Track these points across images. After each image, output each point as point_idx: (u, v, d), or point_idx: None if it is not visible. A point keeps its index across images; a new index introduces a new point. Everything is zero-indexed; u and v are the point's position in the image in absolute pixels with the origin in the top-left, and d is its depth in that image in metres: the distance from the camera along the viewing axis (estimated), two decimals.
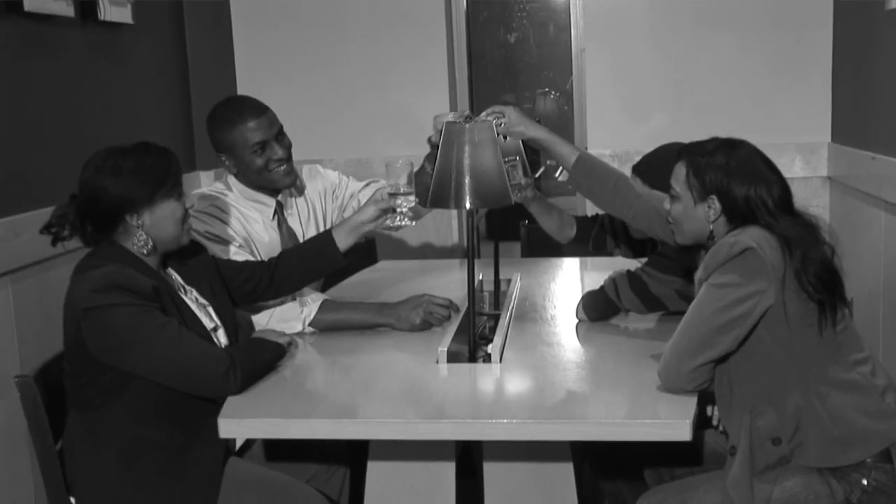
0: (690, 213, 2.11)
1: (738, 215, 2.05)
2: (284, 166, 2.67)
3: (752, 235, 1.98)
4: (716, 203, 2.07)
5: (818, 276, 1.96)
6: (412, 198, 2.36)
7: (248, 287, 2.41)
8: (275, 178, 2.66)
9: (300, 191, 2.86)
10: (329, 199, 2.93)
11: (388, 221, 2.42)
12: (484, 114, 2.38)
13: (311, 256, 2.47)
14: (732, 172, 2.05)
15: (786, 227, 2.00)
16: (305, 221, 2.85)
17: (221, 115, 2.67)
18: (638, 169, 2.63)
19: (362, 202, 2.83)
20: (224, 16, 4.25)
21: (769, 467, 1.98)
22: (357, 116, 4.20)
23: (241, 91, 4.25)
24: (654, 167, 2.54)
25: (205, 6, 4.06)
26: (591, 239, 2.94)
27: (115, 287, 2.00)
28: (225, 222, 2.62)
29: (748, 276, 1.95)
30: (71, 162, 2.91)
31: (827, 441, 1.96)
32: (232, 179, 2.73)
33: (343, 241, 2.45)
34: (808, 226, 2.03)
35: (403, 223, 2.38)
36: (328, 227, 2.86)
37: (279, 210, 2.77)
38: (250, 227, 2.67)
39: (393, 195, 2.35)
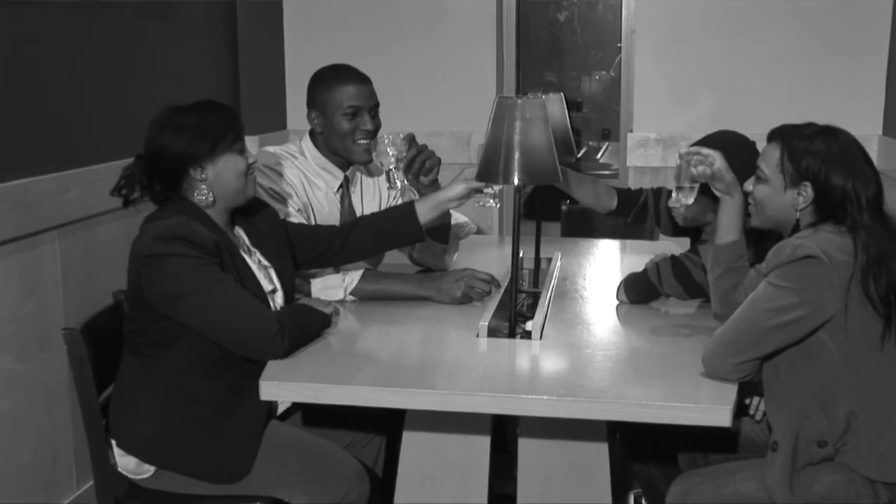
0: (778, 197, 2.03)
1: (828, 207, 1.97)
2: (367, 142, 2.68)
3: (820, 240, 1.91)
4: (808, 190, 1.98)
5: (889, 286, 1.89)
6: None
7: (317, 251, 2.43)
8: (354, 149, 2.67)
9: (370, 172, 2.88)
10: (394, 197, 2.93)
11: (474, 201, 2.43)
12: (684, 151, 2.25)
13: (389, 226, 2.46)
14: (832, 161, 1.96)
15: (870, 231, 1.91)
16: (367, 202, 2.87)
17: (326, 73, 2.71)
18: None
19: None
20: None
21: (811, 465, 1.96)
22: (405, 95, 4.20)
23: (288, 62, 4.28)
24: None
25: None
26: (632, 213, 2.89)
27: (176, 237, 2.04)
28: (289, 182, 2.64)
29: (805, 285, 1.89)
30: (120, 119, 2.96)
31: (873, 454, 1.92)
32: (307, 143, 2.75)
33: (425, 216, 2.44)
34: (894, 232, 1.95)
35: (489, 203, 2.38)
36: None
37: (345, 184, 2.78)
38: (312, 193, 2.69)
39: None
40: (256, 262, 2.26)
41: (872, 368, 1.93)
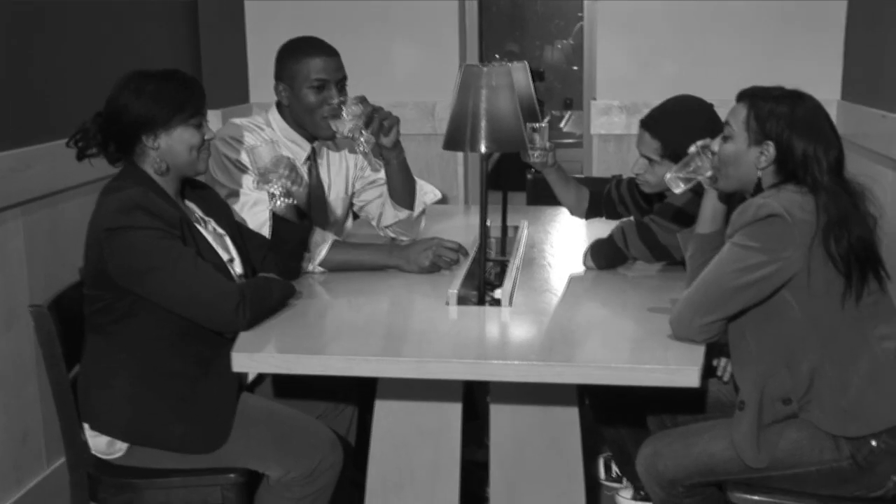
0: (741, 156, 2.05)
1: (789, 168, 2.00)
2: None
3: (783, 199, 1.94)
4: (771, 150, 2.01)
5: (850, 247, 1.92)
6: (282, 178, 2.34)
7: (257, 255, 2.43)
8: (321, 124, 2.66)
9: (337, 144, 2.87)
10: (360, 168, 2.94)
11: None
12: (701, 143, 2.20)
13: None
14: (795, 124, 1.99)
15: (831, 192, 1.95)
16: (335, 174, 2.87)
17: (294, 45, 2.70)
18: (646, 123, 2.58)
19: (364, 199, 2.93)
20: None
21: (776, 422, 2.01)
22: (367, 66, 4.17)
23: (249, 35, 4.24)
24: (663, 121, 2.52)
25: None
26: (603, 209, 2.92)
27: (138, 208, 2.03)
28: (255, 154, 2.62)
29: (770, 244, 1.92)
30: (81, 94, 2.92)
31: (835, 410, 1.96)
32: (273, 115, 2.74)
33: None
34: (854, 194, 1.99)
35: (281, 203, 2.34)
36: (352, 190, 2.92)
37: (313, 156, 2.78)
38: None
39: (263, 177, 2.32)
40: (212, 232, 2.26)
41: (834, 327, 1.97)
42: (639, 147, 2.55)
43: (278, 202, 2.30)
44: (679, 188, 2.21)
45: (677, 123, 2.50)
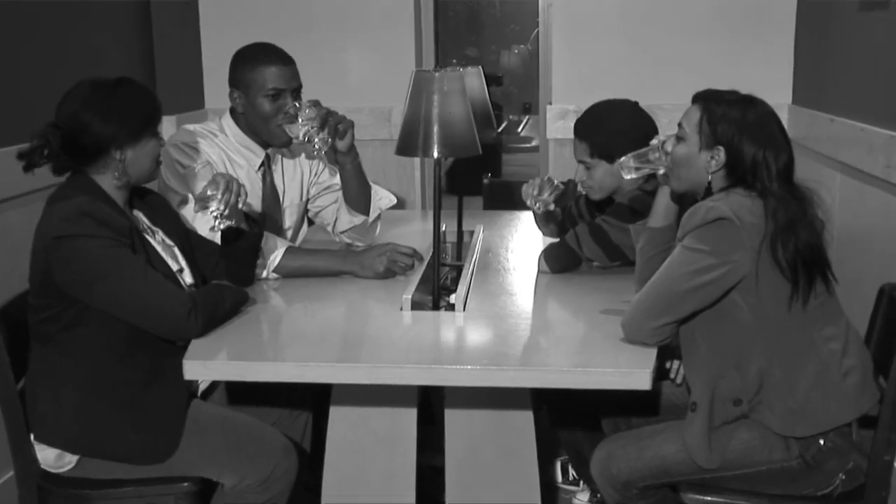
0: (693, 158, 2.07)
1: (739, 172, 2.02)
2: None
3: (732, 203, 1.96)
4: (721, 155, 2.03)
5: (797, 252, 1.94)
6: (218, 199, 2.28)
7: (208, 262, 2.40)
8: (275, 132, 2.65)
9: (291, 150, 2.86)
10: (314, 174, 2.93)
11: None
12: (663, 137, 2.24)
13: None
14: (746, 129, 2.01)
15: (779, 198, 1.97)
16: (289, 181, 2.85)
17: (249, 53, 2.68)
18: (575, 128, 2.64)
19: (319, 205, 2.93)
20: None
21: (727, 423, 2.03)
22: (323, 71, 4.15)
23: (204, 40, 4.21)
24: (586, 122, 2.62)
25: None
26: (568, 225, 2.94)
27: (86, 216, 2.01)
28: (207, 160, 2.60)
29: (719, 247, 1.94)
30: (27, 101, 2.87)
31: (783, 411, 1.99)
32: (227, 121, 2.72)
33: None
34: (802, 199, 2.01)
35: (220, 223, 2.29)
36: (307, 196, 2.91)
37: (267, 162, 2.76)
38: (234, 172, 2.65)
39: (201, 203, 2.28)
40: (160, 242, 2.24)
41: (781, 329, 1.99)
42: (574, 155, 2.63)
43: (219, 223, 2.27)
44: (630, 175, 2.24)
45: (598, 122, 2.59)
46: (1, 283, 2.68)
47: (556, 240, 2.68)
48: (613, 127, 2.55)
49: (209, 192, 2.23)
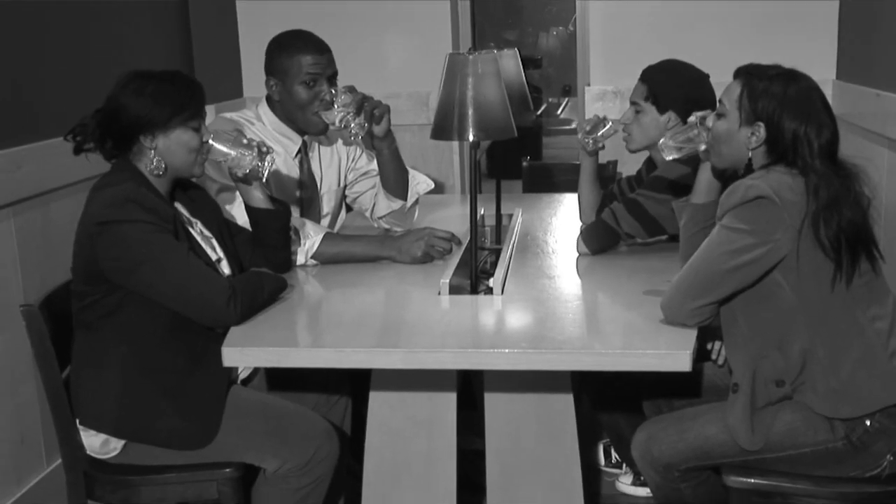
0: (733, 135, 2.03)
1: (780, 149, 1.98)
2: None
3: (772, 181, 1.92)
4: (761, 131, 1.99)
5: (840, 231, 1.90)
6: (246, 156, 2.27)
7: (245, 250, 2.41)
8: (311, 119, 2.66)
9: (328, 137, 2.86)
10: (352, 160, 2.93)
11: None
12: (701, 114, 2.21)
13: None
14: (787, 104, 1.97)
15: (821, 175, 1.92)
16: (326, 167, 2.86)
17: (286, 40, 2.68)
18: (642, 73, 2.64)
19: (356, 191, 2.92)
20: None
21: (770, 404, 2.00)
22: (360, 57, 4.16)
23: (241, 28, 4.23)
24: (655, 69, 2.62)
25: None
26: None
27: (130, 202, 2.03)
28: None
29: (759, 226, 1.91)
30: (72, 93, 2.91)
31: (827, 391, 1.95)
32: (263, 109, 2.73)
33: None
34: (847, 176, 1.96)
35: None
36: (344, 182, 2.91)
37: (304, 149, 2.77)
38: None
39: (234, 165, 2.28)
40: (199, 233, 2.25)
41: (824, 309, 1.95)
42: (631, 96, 2.64)
43: (265, 169, 2.29)
44: (671, 155, 2.24)
45: (666, 71, 2.60)
46: (46, 274, 2.73)
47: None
48: (679, 80, 2.57)
49: (237, 153, 2.23)
